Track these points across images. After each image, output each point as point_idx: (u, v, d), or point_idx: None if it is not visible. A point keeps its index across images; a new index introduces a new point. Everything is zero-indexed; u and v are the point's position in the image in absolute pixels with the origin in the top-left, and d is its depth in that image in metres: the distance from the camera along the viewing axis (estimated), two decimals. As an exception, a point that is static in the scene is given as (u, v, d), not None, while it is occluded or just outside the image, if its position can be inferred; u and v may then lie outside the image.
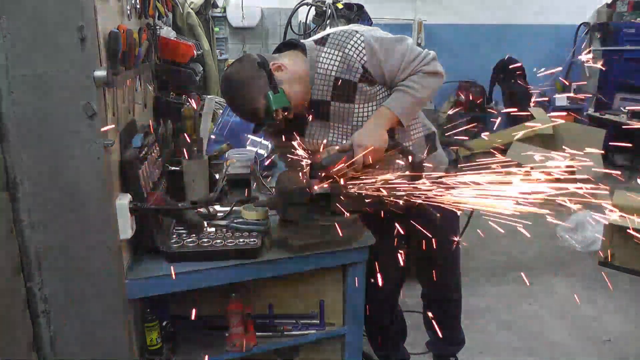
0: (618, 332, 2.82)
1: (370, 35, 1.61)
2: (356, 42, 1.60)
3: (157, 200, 1.50)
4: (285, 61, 1.63)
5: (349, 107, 1.66)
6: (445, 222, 1.82)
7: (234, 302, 1.63)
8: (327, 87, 1.64)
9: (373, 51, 1.59)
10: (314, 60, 1.64)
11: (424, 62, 1.61)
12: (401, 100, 1.61)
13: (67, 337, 1.38)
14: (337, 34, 1.63)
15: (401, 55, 1.60)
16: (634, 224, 3.37)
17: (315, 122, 1.72)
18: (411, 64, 1.61)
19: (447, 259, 2.03)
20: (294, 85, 1.60)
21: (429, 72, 1.62)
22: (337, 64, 1.62)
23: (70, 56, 1.17)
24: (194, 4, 3.97)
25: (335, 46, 1.62)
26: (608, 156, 6.10)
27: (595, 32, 6.30)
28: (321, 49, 1.64)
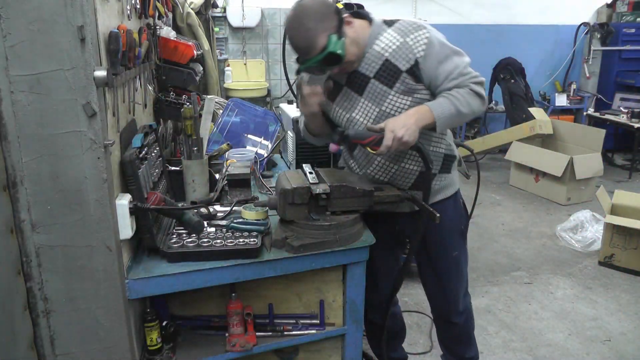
0: (618, 332, 2.82)
1: (435, 36, 1.63)
2: (420, 35, 1.62)
3: (157, 200, 1.50)
4: (356, 23, 1.66)
5: (385, 91, 1.66)
6: (448, 225, 1.82)
7: (234, 302, 1.63)
8: (375, 64, 1.66)
9: (432, 50, 1.61)
10: (374, 36, 1.67)
11: (473, 80, 1.63)
12: (444, 106, 1.61)
13: (67, 337, 1.38)
14: (407, 22, 1.66)
15: (455, 66, 1.62)
16: (634, 224, 3.38)
17: (349, 92, 1.74)
18: (461, 77, 1.62)
19: (447, 271, 1.94)
20: (352, 46, 1.62)
21: (475, 92, 1.63)
22: (393, 47, 1.64)
23: (70, 56, 1.18)
24: (194, 4, 3.97)
25: (400, 31, 1.64)
26: (608, 156, 6.11)
27: (595, 32, 6.30)
28: (386, 29, 1.67)
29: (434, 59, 1.62)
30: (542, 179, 4.96)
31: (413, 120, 1.58)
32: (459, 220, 1.90)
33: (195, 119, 1.84)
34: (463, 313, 2.02)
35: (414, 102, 1.66)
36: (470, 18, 6.12)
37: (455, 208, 1.88)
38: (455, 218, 1.88)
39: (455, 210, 1.88)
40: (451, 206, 1.86)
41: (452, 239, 1.89)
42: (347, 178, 1.72)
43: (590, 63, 6.46)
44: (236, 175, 1.93)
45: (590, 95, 6.44)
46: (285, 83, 4.90)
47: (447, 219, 1.80)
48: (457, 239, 1.90)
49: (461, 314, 2.01)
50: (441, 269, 1.93)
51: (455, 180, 1.87)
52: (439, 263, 1.92)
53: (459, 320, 2.01)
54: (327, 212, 1.66)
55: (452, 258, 1.90)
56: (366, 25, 1.69)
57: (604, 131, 5.03)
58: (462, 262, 1.95)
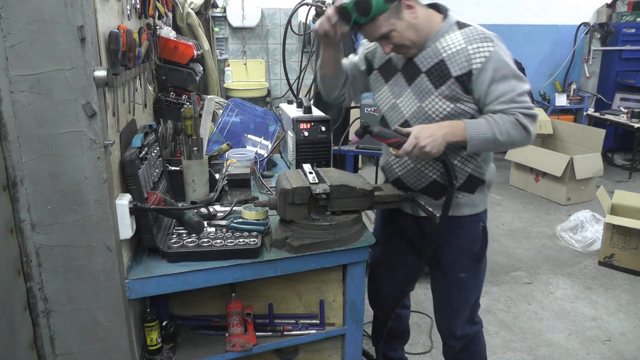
0: (618, 332, 2.82)
1: (499, 53, 1.56)
2: (483, 47, 1.56)
3: (157, 200, 1.50)
4: (421, 11, 1.61)
5: (430, 89, 1.63)
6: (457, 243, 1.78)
7: (234, 302, 1.63)
8: (430, 60, 1.63)
9: (490, 66, 1.55)
10: (440, 33, 1.62)
11: (524, 110, 1.56)
12: (481, 128, 1.56)
13: (67, 337, 1.38)
14: (478, 30, 1.61)
15: (510, 89, 1.56)
16: (634, 224, 3.38)
17: (400, 79, 1.72)
18: (511, 104, 1.56)
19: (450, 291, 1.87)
20: (409, 31, 1.58)
21: (521, 123, 1.56)
22: (453, 50, 1.59)
23: (70, 56, 1.17)
24: (194, 4, 3.98)
25: (466, 37, 1.59)
26: (608, 156, 6.11)
27: (595, 32, 6.30)
28: (454, 30, 1.62)
29: (489, 75, 1.55)
30: (542, 179, 4.96)
31: (442, 133, 1.54)
32: (472, 244, 1.79)
33: (195, 119, 1.84)
34: (461, 339, 1.91)
35: (454, 110, 1.61)
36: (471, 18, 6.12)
37: (471, 230, 1.78)
38: (468, 239, 1.79)
39: (469, 231, 1.78)
40: (466, 226, 1.77)
41: (460, 260, 1.81)
42: (347, 178, 1.72)
43: (590, 63, 6.47)
44: (236, 175, 1.93)
45: (590, 95, 6.44)
46: (285, 83, 4.90)
47: (458, 238, 1.78)
48: (467, 261, 1.81)
49: (458, 339, 1.91)
50: (446, 286, 1.87)
51: (477, 203, 1.77)
52: (444, 279, 1.87)
53: (454, 344, 1.94)
54: (327, 212, 1.66)
55: (458, 279, 1.82)
56: (438, 20, 1.64)
57: (604, 131, 5.04)
58: (470, 286, 1.85)
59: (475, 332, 1.94)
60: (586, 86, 6.58)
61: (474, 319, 1.93)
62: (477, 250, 1.79)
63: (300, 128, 2.14)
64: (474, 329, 1.94)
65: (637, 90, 6.06)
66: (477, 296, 1.89)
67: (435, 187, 1.74)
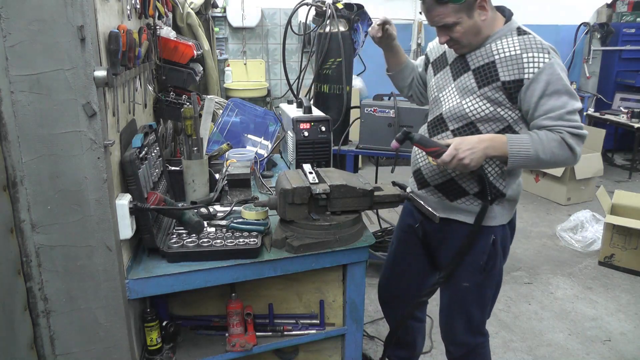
0: (618, 332, 2.82)
1: (554, 66, 1.51)
2: (539, 57, 1.51)
3: (157, 200, 1.50)
4: (490, 14, 1.58)
5: (473, 88, 1.61)
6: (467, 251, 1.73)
7: (234, 302, 1.63)
8: (481, 59, 1.61)
9: (542, 78, 1.50)
10: (498, 36, 1.60)
11: (572, 130, 1.52)
12: (524, 145, 1.53)
13: (67, 337, 1.38)
14: (536, 40, 1.56)
15: (560, 106, 1.51)
16: (634, 224, 3.38)
17: (447, 73, 1.72)
18: (560, 121, 1.52)
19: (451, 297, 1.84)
20: (472, 30, 1.56)
21: (567, 143, 1.52)
22: (506, 54, 1.56)
23: (70, 56, 1.17)
24: (194, 4, 3.98)
25: (523, 44, 1.55)
26: (608, 156, 6.11)
27: (595, 32, 6.30)
28: (513, 35, 1.58)
29: (540, 87, 1.50)
30: (542, 179, 4.96)
31: (482, 147, 1.52)
32: (479, 255, 1.72)
33: (195, 119, 1.84)
34: (460, 346, 1.88)
35: (492, 114, 1.59)
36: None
37: (480, 242, 1.71)
38: (476, 251, 1.72)
39: (478, 244, 1.71)
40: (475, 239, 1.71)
41: (463, 269, 1.75)
42: (347, 178, 1.72)
43: (590, 63, 6.47)
44: (236, 175, 1.93)
45: (590, 95, 6.44)
46: (285, 83, 4.90)
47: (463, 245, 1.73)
48: (472, 271, 1.75)
49: (457, 345, 1.89)
50: (448, 290, 1.85)
51: (493, 215, 1.69)
52: (447, 283, 1.82)
53: (453, 350, 1.91)
54: (327, 212, 1.66)
55: (460, 286, 1.78)
56: (500, 22, 1.62)
57: (604, 131, 5.04)
58: (471, 296, 1.80)
59: (477, 344, 1.89)
60: (586, 86, 6.58)
61: (478, 330, 1.88)
62: (483, 262, 1.72)
63: (300, 128, 2.14)
64: (477, 340, 1.88)
65: (637, 90, 6.06)
66: (482, 308, 1.83)
67: (451, 187, 1.70)
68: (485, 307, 1.84)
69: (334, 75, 2.94)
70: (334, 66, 2.92)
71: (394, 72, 2.01)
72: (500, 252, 1.76)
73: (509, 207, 1.73)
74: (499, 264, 1.78)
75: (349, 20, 2.93)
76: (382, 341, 2.62)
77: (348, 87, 3.00)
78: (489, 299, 1.84)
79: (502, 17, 1.64)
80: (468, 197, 1.70)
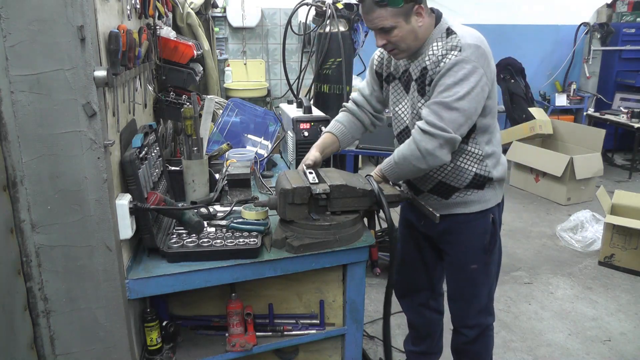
0: (618, 332, 2.82)
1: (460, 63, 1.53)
2: (451, 55, 1.55)
3: (157, 200, 1.50)
4: (427, 19, 1.62)
5: (417, 97, 1.69)
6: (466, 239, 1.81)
7: (234, 302, 1.63)
8: (419, 67, 1.67)
9: (444, 68, 1.55)
10: (431, 40, 1.64)
11: (423, 124, 1.56)
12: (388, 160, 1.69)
13: (67, 337, 1.38)
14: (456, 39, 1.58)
15: (439, 97, 1.55)
16: (634, 224, 3.38)
17: (399, 87, 1.78)
18: (426, 109, 1.58)
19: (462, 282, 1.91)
20: (410, 35, 1.60)
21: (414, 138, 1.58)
22: (432, 60, 1.61)
23: (70, 56, 1.17)
24: (194, 4, 3.97)
25: (446, 46, 1.59)
26: (608, 156, 6.11)
27: (595, 32, 6.30)
28: (443, 38, 1.61)
29: (437, 77, 1.58)
30: (542, 179, 4.96)
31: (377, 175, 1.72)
32: (482, 236, 1.80)
33: (195, 119, 1.84)
34: (474, 328, 1.94)
35: None
36: (471, 18, 6.11)
37: (480, 224, 1.80)
38: (477, 233, 1.80)
39: (478, 226, 1.80)
40: (474, 222, 1.79)
41: (471, 252, 1.82)
42: (347, 178, 1.72)
43: (590, 63, 6.47)
44: (236, 175, 1.93)
45: (590, 95, 6.44)
46: (285, 83, 4.90)
47: (468, 232, 1.80)
48: (478, 253, 1.82)
49: (472, 328, 1.94)
50: (458, 277, 1.91)
51: (488, 198, 1.78)
52: (456, 271, 1.91)
53: (467, 333, 1.95)
54: (327, 212, 1.66)
55: (469, 270, 1.84)
56: (432, 26, 1.65)
57: (604, 131, 5.04)
58: (481, 277, 1.86)
59: (488, 324, 1.97)
60: (586, 86, 6.58)
61: (488, 310, 1.95)
62: (486, 242, 1.80)
63: (300, 128, 2.14)
64: (488, 320, 1.96)
65: (637, 90, 6.06)
66: (490, 286, 1.91)
67: (442, 188, 1.77)
68: (492, 285, 1.92)
69: (334, 75, 2.94)
70: (334, 66, 2.92)
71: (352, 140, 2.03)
72: (499, 228, 1.85)
73: (499, 186, 1.81)
74: (499, 239, 1.87)
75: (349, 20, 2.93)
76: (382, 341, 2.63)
77: (348, 87, 3.00)
78: (494, 276, 1.92)
79: (433, 18, 1.66)
80: (460, 190, 1.76)
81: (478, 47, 1.56)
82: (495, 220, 1.82)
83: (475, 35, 1.61)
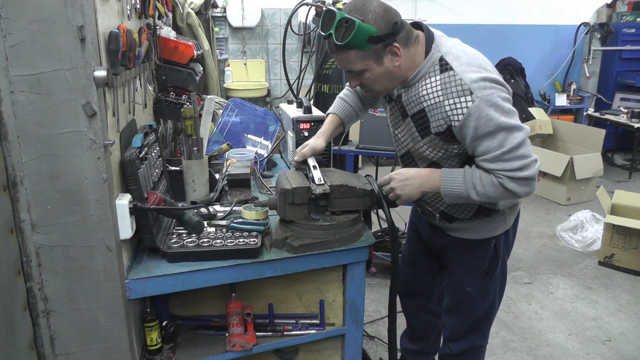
0: (618, 332, 2.82)
1: (481, 106, 1.35)
2: (461, 103, 1.38)
3: (157, 200, 1.50)
4: (406, 56, 1.44)
5: (417, 136, 1.55)
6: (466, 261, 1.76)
7: (234, 302, 1.63)
8: (414, 106, 1.51)
9: (469, 123, 1.37)
10: (422, 73, 1.47)
11: (511, 174, 1.40)
12: (456, 185, 1.47)
13: (67, 337, 1.38)
14: (455, 78, 1.39)
15: (497, 146, 1.38)
16: (634, 224, 3.38)
17: (396, 109, 1.62)
18: (497, 163, 1.40)
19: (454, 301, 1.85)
20: (384, 78, 1.46)
21: (506, 188, 1.42)
22: (431, 102, 1.45)
23: (70, 56, 1.17)
24: (194, 4, 3.97)
25: (444, 88, 1.41)
26: (608, 156, 6.11)
27: (595, 32, 6.30)
28: (436, 74, 1.44)
29: (470, 131, 1.38)
30: (542, 179, 4.96)
31: (418, 182, 1.53)
32: (482, 262, 1.72)
33: (195, 119, 1.84)
34: (461, 343, 1.87)
35: (447, 154, 1.53)
36: (470, 18, 6.12)
37: (481, 249, 1.72)
38: (477, 258, 1.73)
39: (478, 250, 1.72)
40: (475, 246, 1.72)
41: (467, 275, 1.76)
42: (347, 178, 1.72)
43: (590, 63, 6.47)
44: (236, 175, 1.93)
45: (590, 95, 6.44)
46: (285, 83, 4.90)
47: (465, 256, 1.75)
48: (475, 277, 1.75)
49: (458, 342, 1.88)
50: (453, 294, 1.85)
51: (494, 226, 1.68)
52: (453, 288, 1.85)
53: (453, 347, 1.89)
54: (327, 212, 1.66)
55: (464, 291, 1.79)
56: (422, 56, 1.47)
57: (604, 131, 5.04)
58: (476, 300, 1.78)
59: (478, 346, 1.89)
60: (586, 86, 6.58)
61: (481, 332, 1.88)
62: (485, 267, 1.72)
63: (300, 128, 2.14)
64: (478, 342, 1.88)
65: (637, 90, 6.06)
66: (485, 310, 1.82)
67: (445, 215, 1.70)
68: (489, 307, 1.84)
69: (334, 75, 2.94)
70: (334, 66, 2.92)
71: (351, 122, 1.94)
72: (503, 254, 1.76)
73: (510, 213, 1.70)
74: (502, 264, 1.78)
75: (349, 20, 2.92)
76: (382, 341, 2.63)
77: (348, 87, 3.00)
78: (493, 299, 1.84)
79: (423, 46, 1.48)
80: (457, 221, 1.70)
81: (484, 78, 1.38)
82: (499, 247, 1.71)
83: (474, 61, 1.43)
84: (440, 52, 1.47)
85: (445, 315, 1.93)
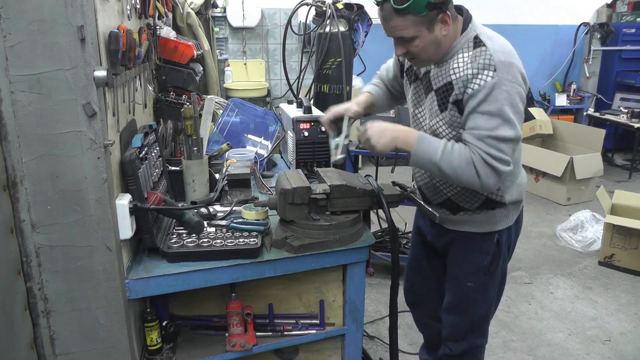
0: (618, 332, 2.82)
1: (499, 86, 1.41)
2: (484, 75, 1.43)
3: (157, 200, 1.50)
4: (453, 27, 1.50)
5: (436, 111, 1.58)
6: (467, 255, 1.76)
7: (234, 302, 1.63)
8: (442, 78, 1.55)
9: (480, 95, 1.43)
10: (457, 48, 1.52)
11: (486, 156, 1.44)
12: (431, 150, 1.49)
13: (67, 337, 1.38)
14: (487, 53, 1.45)
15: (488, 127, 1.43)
16: (634, 224, 3.38)
17: (420, 88, 1.67)
18: (480, 141, 1.44)
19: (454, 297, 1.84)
20: (432, 46, 1.49)
21: (475, 166, 1.45)
22: (459, 75, 1.48)
23: (70, 56, 1.18)
24: (194, 4, 3.98)
25: (475, 61, 1.46)
26: (608, 156, 6.11)
27: (595, 32, 6.30)
28: (470, 49, 1.49)
29: (475, 102, 1.44)
30: (542, 179, 4.96)
31: (392, 135, 1.55)
32: (484, 257, 1.72)
33: (195, 119, 1.84)
34: (461, 343, 1.86)
35: (457, 138, 1.55)
36: (470, 18, 6.12)
37: (483, 244, 1.72)
38: (479, 253, 1.73)
39: (481, 245, 1.72)
40: (478, 240, 1.72)
41: (469, 270, 1.76)
42: (347, 178, 1.72)
43: (590, 63, 6.46)
44: (236, 175, 1.93)
45: (590, 95, 6.44)
46: (285, 83, 4.90)
47: (468, 250, 1.75)
48: (476, 272, 1.74)
49: (459, 342, 1.86)
50: (453, 291, 1.85)
51: (496, 220, 1.69)
52: (453, 284, 1.84)
53: (453, 347, 1.87)
54: (327, 212, 1.66)
55: (464, 286, 1.78)
56: (459, 32, 1.53)
57: (604, 131, 5.04)
58: (476, 296, 1.78)
59: (477, 345, 1.89)
60: (586, 86, 6.58)
61: (481, 330, 1.87)
62: (487, 262, 1.72)
63: (300, 128, 2.14)
64: (478, 341, 1.88)
65: (637, 90, 6.06)
66: (486, 308, 1.82)
67: (451, 204, 1.71)
68: (490, 306, 1.85)
69: (334, 75, 2.94)
70: (334, 66, 2.92)
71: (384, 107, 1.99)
72: (505, 251, 1.76)
73: (513, 209, 1.71)
74: (503, 263, 1.78)
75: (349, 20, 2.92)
76: (382, 341, 2.63)
77: (348, 87, 3.00)
78: (493, 298, 1.85)
79: (461, 23, 1.54)
80: (467, 210, 1.70)
81: (512, 64, 1.44)
82: (501, 242, 1.71)
83: (507, 48, 1.49)
84: (476, 31, 1.53)
85: (446, 313, 1.92)
